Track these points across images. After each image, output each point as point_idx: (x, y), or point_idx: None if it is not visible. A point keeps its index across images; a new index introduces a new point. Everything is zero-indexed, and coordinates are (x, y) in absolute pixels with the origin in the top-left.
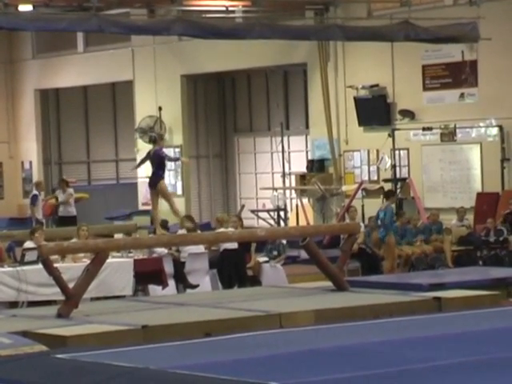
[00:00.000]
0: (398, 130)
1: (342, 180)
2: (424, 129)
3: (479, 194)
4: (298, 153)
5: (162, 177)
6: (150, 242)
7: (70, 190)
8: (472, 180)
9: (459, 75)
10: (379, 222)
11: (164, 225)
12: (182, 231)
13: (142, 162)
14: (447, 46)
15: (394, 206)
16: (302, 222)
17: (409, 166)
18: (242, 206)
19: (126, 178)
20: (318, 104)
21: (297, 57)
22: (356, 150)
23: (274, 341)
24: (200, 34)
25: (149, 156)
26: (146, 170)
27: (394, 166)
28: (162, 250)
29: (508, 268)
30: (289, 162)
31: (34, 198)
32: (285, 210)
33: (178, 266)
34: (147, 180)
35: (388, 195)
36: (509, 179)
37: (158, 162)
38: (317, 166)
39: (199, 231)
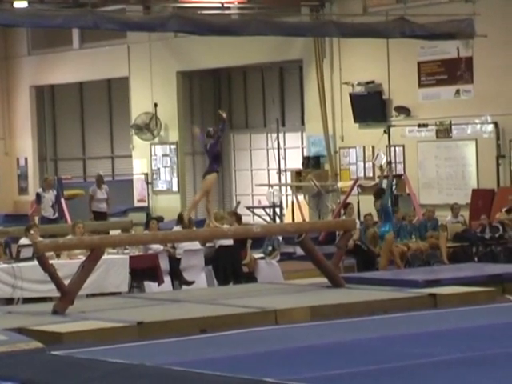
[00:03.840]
0: (394, 126)
1: (337, 176)
2: (419, 125)
3: (475, 191)
4: (293, 149)
5: (215, 170)
6: (145, 239)
7: (107, 188)
8: (467, 176)
9: (455, 72)
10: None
11: (159, 221)
12: (177, 228)
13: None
14: (443, 42)
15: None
16: (298, 219)
17: (404, 162)
18: (238, 203)
19: (121, 174)
20: (313, 100)
21: (292, 53)
22: (352, 146)
23: (269, 337)
24: (196, 31)
25: (205, 150)
26: (142, 166)
27: (389, 163)
28: (158, 247)
29: (503, 264)
30: (284, 159)
31: (38, 197)
32: (280, 206)
33: (174, 262)
34: (142, 177)
35: (378, 194)
36: (504, 176)
37: (212, 155)
38: (312, 162)
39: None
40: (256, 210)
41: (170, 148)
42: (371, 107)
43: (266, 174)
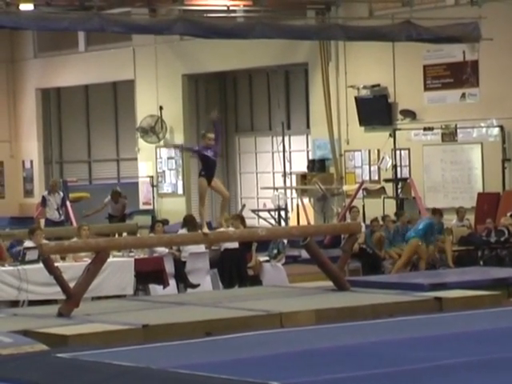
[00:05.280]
0: (399, 129)
1: (342, 180)
2: (425, 129)
3: (480, 194)
4: (298, 152)
5: (201, 174)
6: (151, 242)
7: (124, 201)
8: (473, 180)
9: (460, 75)
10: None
11: (164, 224)
12: (182, 231)
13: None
14: (448, 46)
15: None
16: (303, 222)
17: (410, 166)
18: (243, 206)
19: (126, 177)
20: (319, 104)
21: (298, 56)
22: (357, 149)
23: (274, 340)
24: (201, 34)
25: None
26: (147, 169)
27: (394, 166)
28: (163, 250)
29: (508, 268)
30: (290, 162)
31: (44, 200)
32: (285, 209)
33: (179, 265)
34: (147, 179)
35: (434, 212)
36: (510, 179)
37: (200, 159)
38: (318, 165)
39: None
40: (261, 213)
41: (176, 151)
42: (377, 110)
43: (271, 177)
